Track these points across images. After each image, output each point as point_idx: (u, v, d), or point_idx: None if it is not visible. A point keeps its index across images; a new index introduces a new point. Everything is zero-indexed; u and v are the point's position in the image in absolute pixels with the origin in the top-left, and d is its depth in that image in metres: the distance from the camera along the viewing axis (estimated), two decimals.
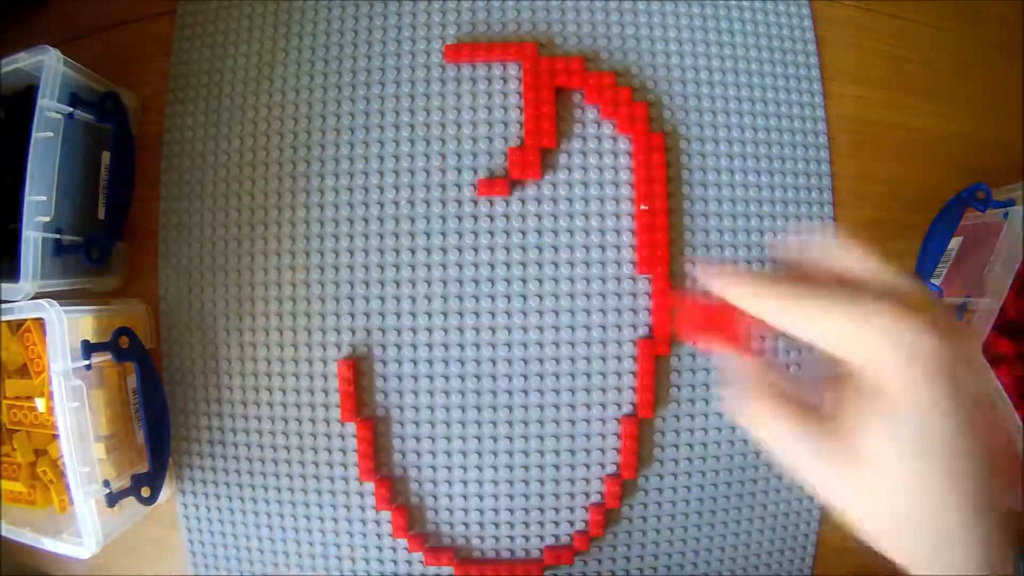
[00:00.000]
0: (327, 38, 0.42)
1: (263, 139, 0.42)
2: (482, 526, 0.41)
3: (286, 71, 0.42)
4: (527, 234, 0.41)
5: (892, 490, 0.19)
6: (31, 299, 0.36)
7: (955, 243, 0.42)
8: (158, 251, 0.43)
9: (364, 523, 0.41)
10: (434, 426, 0.41)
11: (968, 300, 0.39)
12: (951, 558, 0.19)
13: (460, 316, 0.40)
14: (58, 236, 0.38)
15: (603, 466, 0.41)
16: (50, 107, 0.37)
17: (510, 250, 0.40)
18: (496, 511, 0.41)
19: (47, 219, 0.37)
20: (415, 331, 0.41)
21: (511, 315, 0.40)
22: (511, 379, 0.41)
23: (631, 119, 0.40)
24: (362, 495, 0.41)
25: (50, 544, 0.38)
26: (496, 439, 0.41)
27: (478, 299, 0.40)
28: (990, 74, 0.46)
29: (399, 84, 0.42)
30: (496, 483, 0.41)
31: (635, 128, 0.40)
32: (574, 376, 0.41)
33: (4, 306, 0.36)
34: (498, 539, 0.41)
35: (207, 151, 0.43)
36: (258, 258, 0.42)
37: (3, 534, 0.39)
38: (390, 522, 0.41)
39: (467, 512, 0.41)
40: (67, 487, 0.37)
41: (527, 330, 0.40)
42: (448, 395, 0.41)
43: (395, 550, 0.41)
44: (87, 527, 0.36)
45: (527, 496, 0.41)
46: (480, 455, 0.41)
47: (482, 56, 0.41)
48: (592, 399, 0.41)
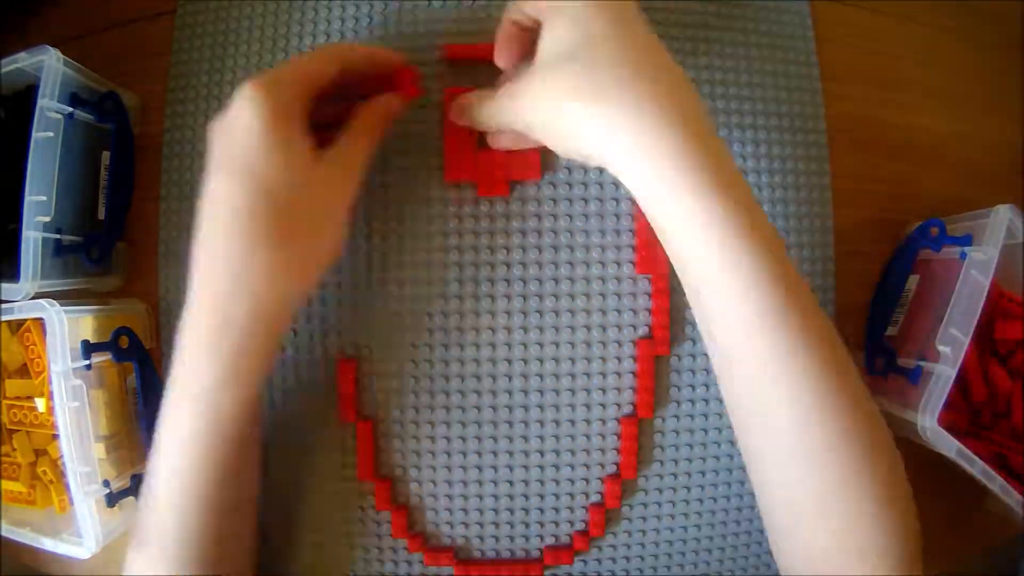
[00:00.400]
0: (327, 38, 0.42)
1: None
2: (482, 526, 0.41)
3: None
4: (527, 234, 0.41)
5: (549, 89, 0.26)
6: (31, 299, 0.36)
7: (912, 282, 0.41)
8: (158, 251, 0.43)
9: (364, 523, 0.41)
10: (434, 426, 0.41)
11: (922, 364, 0.37)
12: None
13: (460, 316, 0.40)
14: (58, 236, 0.38)
15: (603, 466, 0.41)
16: (50, 107, 0.37)
17: (510, 250, 0.40)
18: (496, 511, 0.41)
19: (47, 219, 0.37)
20: (415, 331, 0.41)
21: (511, 315, 0.40)
22: (511, 379, 0.41)
23: None
24: (362, 495, 0.41)
25: (50, 544, 0.38)
26: (496, 439, 0.41)
27: (478, 299, 0.40)
28: (990, 74, 0.46)
29: None
30: (496, 483, 0.41)
31: None
32: (574, 376, 0.41)
33: (4, 306, 0.36)
34: (498, 539, 0.41)
35: (207, 151, 0.43)
36: None
37: (3, 534, 0.39)
38: (390, 522, 0.41)
39: (467, 512, 0.41)
40: (67, 487, 0.37)
41: (527, 330, 0.40)
42: (448, 395, 0.41)
43: (395, 550, 0.41)
44: (87, 527, 0.36)
45: (527, 496, 0.41)
46: (480, 455, 0.41)
47: (482, 56, 0.41)
48: (592, 399, 0.41)
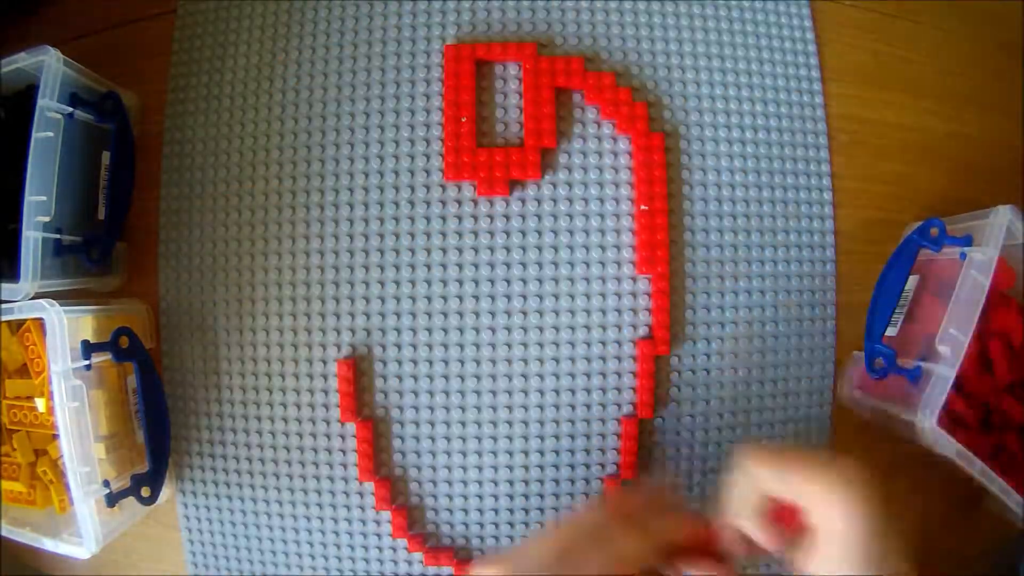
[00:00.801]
0: (327, 38, 0.42)
1: (263, 139, 0.42)
2: (482, 526, 0.41)
3: (286, 71, 0.42)
4: (527, 234, 0.41)
5: None
6: (31, 299, 0.36)
7: (912, 282, 0.41)
8: (158, 251, 0.43)
9: (364, 523, 0.41)
10: (434, 426, 0.41)
11: (922, 365, 0.37)
12: None
13: (460, 316, 0.40)
14: (58, 236, 0.38)
15: (603, 466, 0.41)
16: (50, 107, 0.37)
17: (510, 250, 0.40)
18: (496, 511, 0.41)
19: (47, 219, 0.37)
20: (415, 331, 0.41)
21: (511, 315, 0.40)
22: (511, 379, 0.41)
23: (631, 119, 0.40)
24: (362, 495, 0.41)
25: (50, 544, 0.38)
26: (496, 439, 0.41)
27: (478, 299, 0.40)
28: (990, 74, 0.46)
29: (399, 84, 0.42)
30: (496, 483, 0.41)
31: (635, 128, 0.40)
32: (574, 376, 0.41)
33: (4, 306, 0.36)
34: (498, 539, 0.41)
35: (207, 151, 0.43)
36: (258, 258, 0.42)
37: (3, 534, 0.39)
38: (390, 522, 0.41)
39: (467, 512, 0.41)
40: (67, 487, 0.37)
41: (527, 330, 0.40)
42: (448, 395, 0.41)
43: (395, 550, 0.41)
44: (87, 527, 0.36)
45: (527, 496, 0.41)
46: (480, 455, 0.41)
47: (482, 56, 0.41)
48: (592, 399, 0.41)
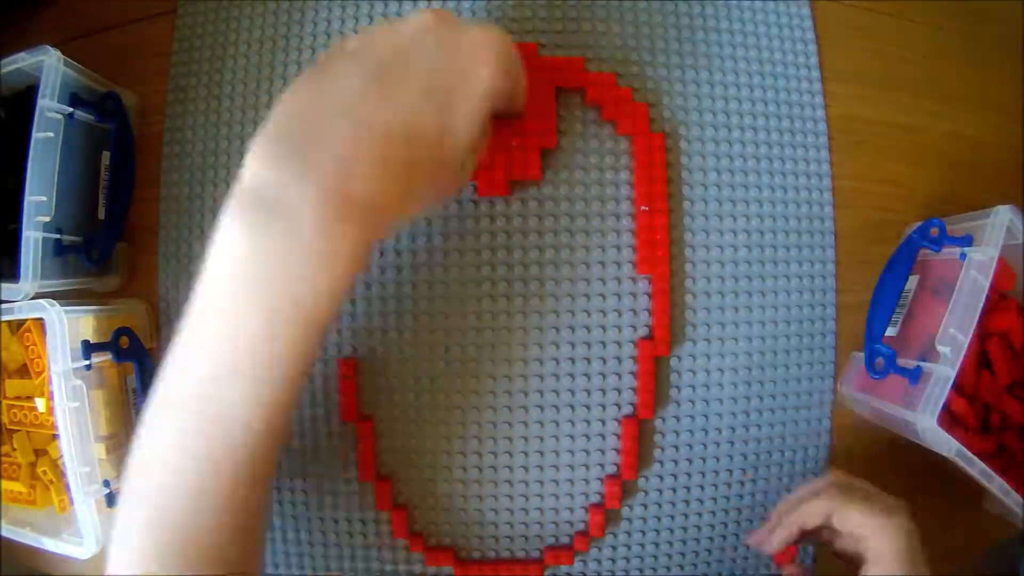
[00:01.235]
0: (327, 38, 0.42)
1: None
2: (482, 526, 0.41)
3: (286, 71, 0.42)
4: (527, 234, 0.41)
5: None
6: (31, 299, 0.36)
7: (912, 283, 0.41)
8: (158, 251, 0.43)
9: (364, 523, 0.41)
10: (434, 426, 0.41)
11: (922, 365, 0.37)
12: None
13: (460, 316, 0.40)
14: (58, 236, 0.38)
15: (603, 466, 0.41)
16: (50, 107, 0.37)
17: (510, 250, 0.40)
18: (496, 511, 0.41)
19: (47, 219, 0.37)
20: (415, 331, 0.41)
21: (511, 315, 0.40)
22: (511, 379, 0.41)
23: (631, 119, 0.40)
24: (362, 495, 0.41)
25: (50, 544, 0.38)
26: (496, 439, 0.41)
27: (478, 299, 0.40)
28: (990, 74, 0.46)
29: None
30: (496, 483, 0.41)
31: (635, 128, 0.40)
32: (574, 376, 0.41)
33: (4, 306, 0.36)
34: (498, 539, 0.41)
35: (207, 151, 0.43)
36: None
37: (3, 534, 0.39)
38: (390, 522, 0.41)
39: (467, 512, 0.41)
40: (67, 487, 0.37)
41: (527, 330, 0.40)
42: (448, 395, 0.41)
43: (395, 550, 0.41)
44: (87, 527, 0.36)
45: (527, 496, 0.41)
46: (480, 455, 0.41)
47: None
48: (592, 399, 0.41)
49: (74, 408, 0.36)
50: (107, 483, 0.37)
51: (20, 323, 0.40)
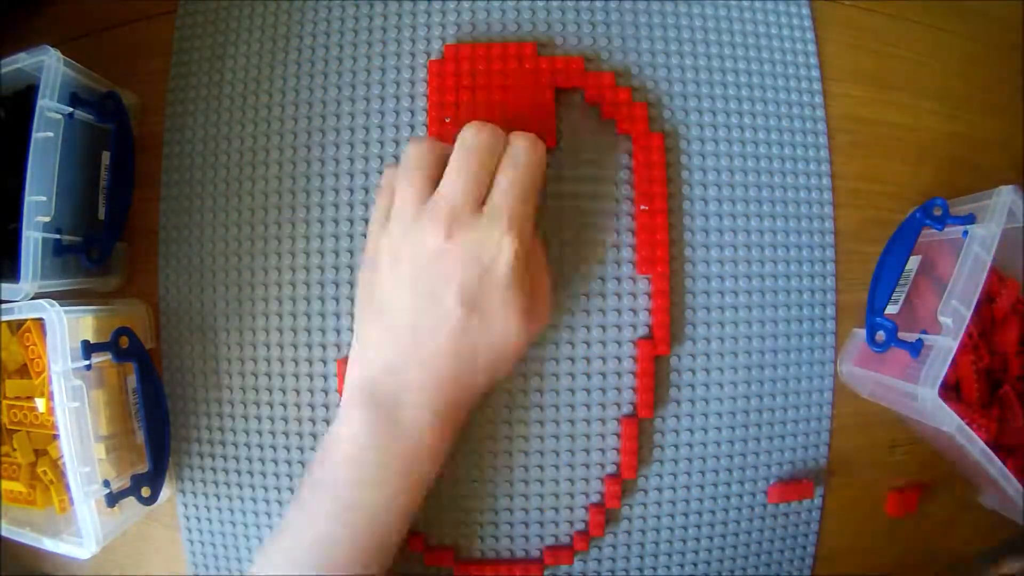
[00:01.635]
0: (327, 38, 0.42)
1: (263, 139, 0.42)
2: (482, 526, 0.41)
3: (286, 71, 0.42)
4: None
5: None
6: (31, 299, 0.36)
7: (913, 263, 0.41)
8: (158, 251, 0.43)
9: None
10: None
11: (923, 338, 0.37)
12: None
13: None
14: (58, 236, 0.38)
15: (603, 466, 0.41)
16: (50, 107, 0.37)
17: None
18: (496, 511, 0.41)
19: (47, 219, 0.37)
20: None
21: None
22: (510, 379, 0.40)
23: (631, 119, 0.40)
24: None
25: (50, 544, 0.38)
26: (496, 439, 0.41)
27: None
28: (990, 74, 0.46)
29: (399, 84, 0.42)
30: (496, 483, 0.41)
31: (635, 128, 0.40)
32: (574, 376, 0.41)
33: (4, 306, 0.36)
34: (498, 539, 0.41)
35: (207, 151, 0.43)
36: (258, 258, 0.42)
37: (3, 534, 0.39)
38: None
39: (467, 512, 0.41)
40: (67, 487, 0.37)
41: None
42: None
43: None
44: (87, 527, 0.36)
45: (527, 496, 0.41)
46: (480, 455, 0.41)
47: (481, 55, 0.41)
48: (592, 399, 0.41)
49: (74, 408, 0.36)
50: (107, 483, 0.37)
51: (20, 323, 0.40)
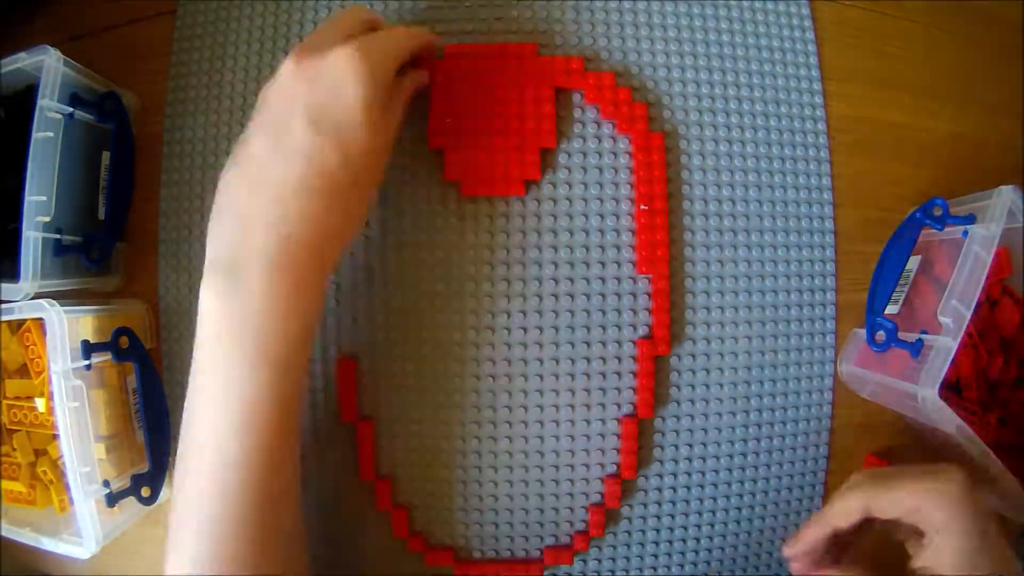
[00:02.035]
0: None
1: None
2: (482, 526, 0.41)
3: None
4: (526, 234, 0.41)
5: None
6: (31, 299, 0.36)
7: (913, 262, 0.41)
8: (158, 251, 0.43)
9: (364, 523, 0.41)
10: (434, 426, 0.41)
11: (923, 338, 0.37)
12: None
13: (460, 316, 0.40)
14: (58, 236, 0.38)
15: (603, 466, 0.41)
16: (50, 107, 0.37)
17: (509, 250, 0.40)
18: (496, 511, 0.41)
19: (47, 219, 0.37)
20: (415, 331, 0.41)
21: (511, 315, 0.40)
22: (511, 379, 0.41)
23: (631, 119, 0.40)
24: (362, 495, 0.41)
25: (50, 544, 0.38)
26: (496, 439, 0.41)
27: (478, 298, 0.40)
28: (990, 74, 0.46)
29: None
30: (496, 483, 0.41)
31: (635, 128, 0.40)
32: (574, 376, 0.41)
33: (4, 306, 0.36)
34: (498, 539, 0.41)
35: (207, 151, 0.43)
36: None
37: (3, 534, 0.39)
38: (390, 522, 0.41)
39: (467, 512, 0.41)
40: (67, 487, 0.37)
41: (527, 330, 0.40)
42: (448, 395, 0.41)
43: (395, 550, 0.41)
44: (87, 527, 0.36)
45: (527, 496, 0.41)
46: (480, 455, 0.41)
47: (481, 55, 0.41)
48: (592, 399, 0.41)
49: (74, 408, 0.36)
50: (107, 483, 0.37)
51: (20, 323, 0.40)
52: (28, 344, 0.40)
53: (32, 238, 0.36)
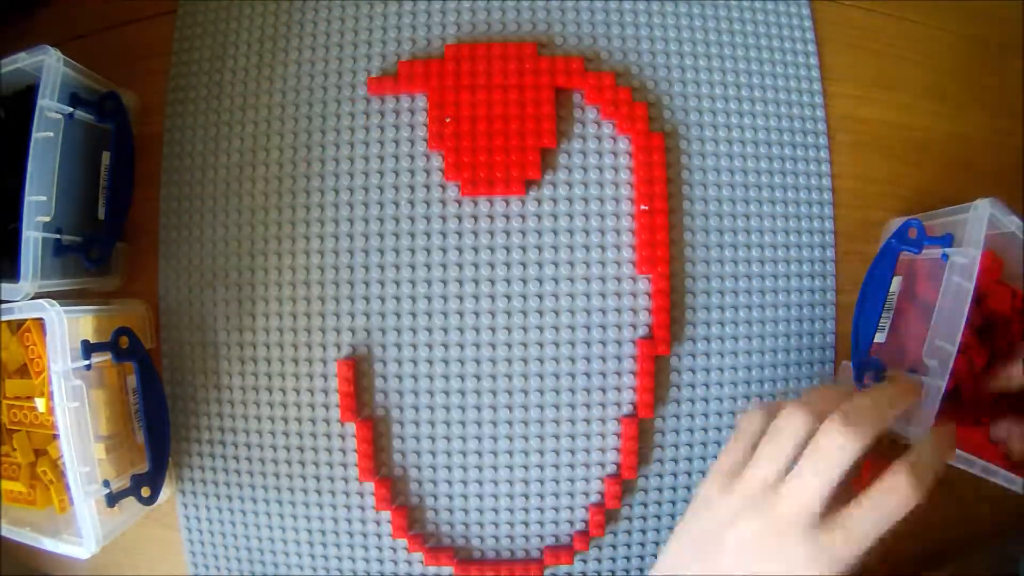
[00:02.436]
0: (327, 38, 0.42)
1: (263, 139, 0.42)
2: (482, 526, 0.41)
3: (286, 71, 0.42)
4: (527, 234, 0.41)
5: None
6: (31, 299, 0.36)
7: (896, 284, 0.40)
8: (158, 251, 0.43)
9: (364, 523, 0.41)
10: (434, 426, 0.41)
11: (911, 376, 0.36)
12: None
13: (460, 316, 0.40)
14: (58, 236, 0.38)
15: (603, 466, 0.41)
16: (50, 107, 0.37)
17: (509, 250, 0.40)
18: (496, 511, 0.41)
19: (47, 219, 0.37)
20: (415, 331, 0.41)
21: (511, 315, 0.40)
22: (511, 379, 0.41)
23: (631, 119, 0.40)
24: (362, 495, 0.41)
25: (50, 544, 0.38)
26: (496, 439, 0.41)
27: (478, 299, 0.40)
28: (990, 74, 0.46)
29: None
30: (496, 483, 0.41)
31: (635, 128, 0.40)
32: (574, 376, 0.41)
33: (4, 306, 0.36)
34: (498, 539, 0.41)
35: (207, 151, 0.43)
36: (258, 258, 0.42)
37: (3, 534, 0.39)
38: (390, 522, 0.41)
39: (467, 512, 0.41)
40: (67, 487, 0.37)
41: (527, 330, 0.40)
42: (448, 395, 0.41)
43: (395, 550, 0.41)
44: (87, 527, 0.36)
45: (527, 496, 0.41)
46: (480, 455, 0.41)
47: (482, 55, 0.41)
48: (592, 399, 0.41)
49: (74, 408, 0.36)
50: (107, 483, 0.37)
51: (20, 323, 0.40)
52: (28, 344, 0.40)
53: (32, 238, 0.36)
